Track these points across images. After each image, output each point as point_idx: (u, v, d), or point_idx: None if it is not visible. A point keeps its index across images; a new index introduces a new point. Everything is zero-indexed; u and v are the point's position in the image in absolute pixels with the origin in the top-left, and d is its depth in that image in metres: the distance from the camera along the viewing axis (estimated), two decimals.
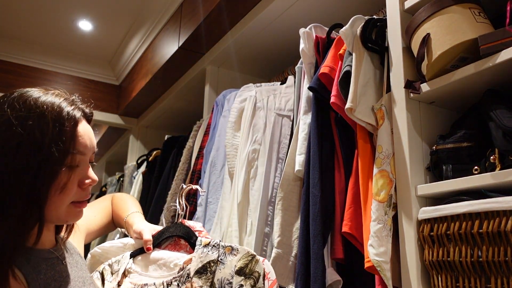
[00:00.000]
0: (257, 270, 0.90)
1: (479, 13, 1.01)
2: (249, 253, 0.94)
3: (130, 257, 1.07)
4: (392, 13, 1.17)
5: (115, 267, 1.06)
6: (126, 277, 1.03)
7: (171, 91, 2.79)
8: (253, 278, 0.90)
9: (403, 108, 1.08)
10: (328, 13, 1.72)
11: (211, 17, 1.99)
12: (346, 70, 1.17)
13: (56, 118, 0.80)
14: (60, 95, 0.85)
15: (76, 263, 0.94)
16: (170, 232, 1.10)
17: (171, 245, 1.10)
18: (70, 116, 0.82)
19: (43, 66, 3.27)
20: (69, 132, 0.81)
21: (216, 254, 0.97)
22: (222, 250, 0.97)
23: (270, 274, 0.92)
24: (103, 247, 1.11)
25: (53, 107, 0.81)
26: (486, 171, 0.92)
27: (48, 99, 0.82)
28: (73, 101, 0.86)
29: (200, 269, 0.96)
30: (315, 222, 1.16)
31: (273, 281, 0.90)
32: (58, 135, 0.79)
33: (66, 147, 0.80)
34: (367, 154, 1.13)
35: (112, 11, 2.79)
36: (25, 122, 0.78)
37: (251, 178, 1.49)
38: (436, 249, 0.95)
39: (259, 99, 1.61)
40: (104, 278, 1.04)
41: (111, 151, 4.25)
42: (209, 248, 0.99)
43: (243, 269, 0.92)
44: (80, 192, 0.86)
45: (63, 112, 0.81)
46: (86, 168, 0.86)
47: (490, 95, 0.98)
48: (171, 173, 2.30)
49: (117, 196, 1.25)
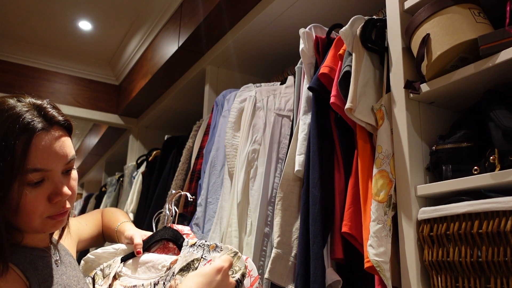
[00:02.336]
0: (238, 265, 0.91)
1: (479, 13, 1.01)
2: (232, 250, 0.95)
3: (121, 261, 1.10)
4: (392, 13, 1.17)
5: (107, 271, 1.09)
6: (117, 280, 1.06)
7: (171, 91, 2.79)
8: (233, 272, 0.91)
9: (403, 108, 1.08)
10: (328, 13, 1.72)
11: (211, 17, 1.99)
12: (346, 70, 1.17)
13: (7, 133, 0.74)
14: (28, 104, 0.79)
15: (69, 263, 0.94)
16: (159, 236, 1.13)
17: (160, 249, 1.13)
18: (23, 131, 0.76)
19: (43, 66, 3.27)
20: (20, 150, 0.74)
21: (200, 253, 0.99)
22: (206, 248, 0.99)
23: (252, 271, 0.93)
24: (96, 253, 1.14)
25: (7, 120, 0.75)
26: (486, 171, 0.92)
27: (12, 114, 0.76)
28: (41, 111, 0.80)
29: (184, 267, 0.98)
30: (315, 222, 1.16)
31: (255, 278, 0.91)
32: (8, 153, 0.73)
33: (17, 165, 0.74)
34: (366, 154, 1.13)
35: (112, 11, 2.79)
36: None
37: (250, 178, 1.49)
38: (435, 249, 0.95)
39: (259, 99, 1.61)
40: (95, 283, 1.06)
41: (111, 151, 4.25)
42: (194, 248, 1.01)
43: None
44: (51, 207, 0.80)
45: (15, 128, 0.75)
46: (55, 183, 0.80)
47: (490, 95, 0.98)
48: (171, 173, 2.30)
49: (106, 210, 1.27)
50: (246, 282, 0.90)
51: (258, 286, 0.91)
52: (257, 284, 0.91)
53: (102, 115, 3.35)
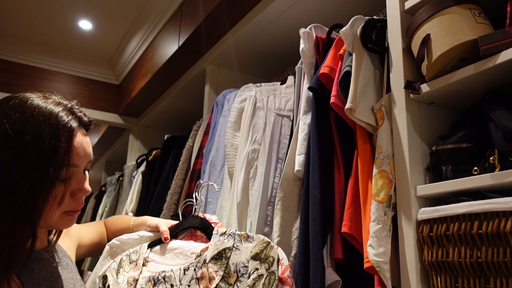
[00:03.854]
0: (272, 255, 0.94)
1: (479, 13, 1.01)
2: (264, 240, 0.98)
3: (147, 248, 1.10)
4: (392, 14, 1.17)
5: (133, 257, 1.10)
6: (144, 266, 1.07)
7: (171, 91, 2.79)
8: (268, 263, 0.93)
9: (403, 108, 1.08)
10: (328, 13, 1.72)
11: (211, 17, 1.99)
12: (346, 71, 1.17)
13: (52, 133, 0.79)
14: (59, 104, 0.84)
15: (66, 265, 0.94)
16: (187, 224, 1.13)
17: (188, 236, 1.13)
18: (65, 129, 0.81)
19: (43, 65, 3.27)
20: (64, 147, 0.80)
21: (231, 242, 1.01)
22: (237, 237, 1.01)
23: (283, 260, 0.95)
24: (121, 239, 1.14)
25: (50, 120, 0.79)
26: (486, 172, 0.92)
27: (46, 110, 0.80)
28: (71, 111, 0.85)
29: (216, 256, 0.99)
30: (315, 222, 1.16)
31: (286, 266, 0.93)
32: (54, 151, 0.78)
33: (61, 161, 0.79)
34: (366, 154, 1.13)
35: (113, 10, 2.79)
36: (21, 136, 0.76)
37: (250, 178, 1.48)
38: (435, 249, 0.95)
39: (259, 99, 1.61)
40: (119, 270, 1.07)
41: (111, 151, 4.25)
42: (225, 237, 1.02)
43: (258, 254, 0.95)
44: (72, 202, 0.85)
45: (59, 126, 0.80)
46: (79, 179, 0.85)
47: (490, 96, 0.98)
48: (171, 173, 2.30)
49: (110, 218, 1.28)
50: (279, 271, 0.92)
51: (289, 274, 0.93)
52: (288, 272, 0.93)
53: (102, 115, 3.35)
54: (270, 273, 0.90)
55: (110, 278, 1.05)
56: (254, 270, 0.92)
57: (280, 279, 0.91)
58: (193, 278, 0.99)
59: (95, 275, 1.10)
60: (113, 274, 1.06)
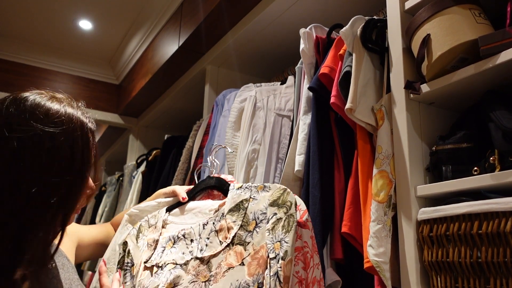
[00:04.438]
0: (289, 199, 0.94)
1: (479, 14, 1.01)
2: (281, 187, 0.97)
3: (166, 211, 1.11)
4: (392, 14, 1.17)
5: (152, 221, 1.10)
6: (163, 228, 1.07)
7: (171, 91, 2.79)
8: (286, 207, 0.93)
9: (403, 108, 1.08)
10: (328, 14, 1.72)
11: (211, 17, 1.99)
12: (346, 71, 1.17)
13: (82, 133, 0.82)
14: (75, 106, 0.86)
15: (62, 266, 0.93)
16: (203, 185, 1.13)
17: (205, 196, 1.13)
18: (89, 129, 0.84)
19: (43, 65, 3.27)
20: (91, 145, 0.83)
21: (248, 194, 1.00)
22: (254, 189, 1.00)
23: (301, 205, 0.95)
24: (139, 207, 1.15)
25: (77, 121, 0.82)
26: (486, 172, 0.92)
27: (69, 111, 0.83)
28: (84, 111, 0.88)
29: (234, 208, 0.99)
30: (315, 222, 1.16)
31: (304, 211, 0.93)
32: (86, 150, 0.81)
33: (90, 160, 0.83)
34: (367, 154, 1.13)
35: (113, 10, 2.79)
36: (55, 138, 0.78)
37: (250, 178, 1.49)
38: (435, 249, 0.95)
39: (259, 99, 1.61)
40: (139, 235, 1.08)
41: (111, 151, 4.25)
42: (241, 190, 1.02)
43: (276, 201, 0.95)
44: (84, 201, 0.88)
45: (84, 126, 0.83)
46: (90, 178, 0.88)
47: (490, 96, 0.98)
48: (171, 173, 2.30)
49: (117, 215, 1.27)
50: (297, 215, 0.92)
51: (307, 218, 0.93)
52: (307, 216, 0.93)
53: (102, 115, 3.35)
54: (288, 216, 0.90)
55: (130, 243, 1.06)
56: (273, 215, 0.92)
57: (299, 223, 0.91)
58: (212, 231, 0.99)
59: (114, 243, 1.10)
60: (133, 240, 1.07)
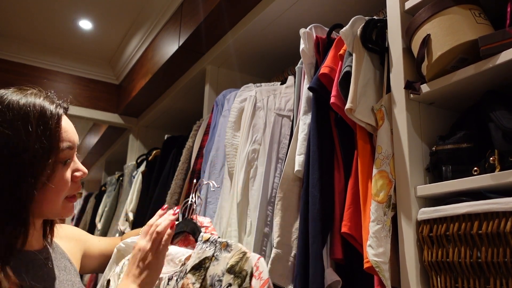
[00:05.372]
0: (246, 268, 0.90)
1: (479, 14, 1.01)
2: (241, 250, 0.94)
3: None
4: (392, 14, 1.17)
5: None
6: None
7: (171, 90, 2.79)
8: (241, 278, 0.90)
9: (403, 108, 1.08)
10: (328, 14, 1.72)
11: (211, 17, 1.99)
12: (346, 71, 1.17)
13: (40, 117, 0.82)
14: (38, 94, 0.87)
15: (64, 267, 0.94)
16: (179, 228, 1.13)
17: (181, 241, 1.13)
18: (53, 114, 0.84)
19: (43, 65, 3.26)
20: (53, 130, 0.83)
21: (212, 251, 0.99)
22: (218, 246, 0.99)
23: (263, 273, 0.90)
24: (126, 242, 1.16)
25: (35, 107, 0.82)
26: (486, 172, 0.92)
27: (29, 100, 0.83)
28: (52, 99, 0.88)
29: (196, 265, 0.98)
30: (315, 222, 1.16)
31: (265, 281, 0.89)
32: (43, 134, 0.81)
33: (53, 144, 0.82)
34: (366, 154, 1.13)
35: (113, 10, 2.79)
36: (11, 124, 0.79)
37: (250, 178, 1.48)
38: (435, 249, 0.95)
39: (259, 99, 1.61)
40: (120, 274, 1.08)
41: (111, 151, 4.25)
42: (207, 244, 1.01)
43: (234, 266, 0.92)
44: (73, 185, 0.88)
45: (46, 111, 0.83)
46: (75, 161, 0.89)
47: (490, 96, 0.98)
48: (171, 173, 2.29)
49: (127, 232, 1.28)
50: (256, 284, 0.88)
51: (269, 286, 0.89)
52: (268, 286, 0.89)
53: (102, 115, 3.35)
54: None
55: (112, 283, 1.06)
56: (227, 285, 0.90)
57: None
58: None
59: (103, 278, 1.11)
60: (115, 279, 1.06)
